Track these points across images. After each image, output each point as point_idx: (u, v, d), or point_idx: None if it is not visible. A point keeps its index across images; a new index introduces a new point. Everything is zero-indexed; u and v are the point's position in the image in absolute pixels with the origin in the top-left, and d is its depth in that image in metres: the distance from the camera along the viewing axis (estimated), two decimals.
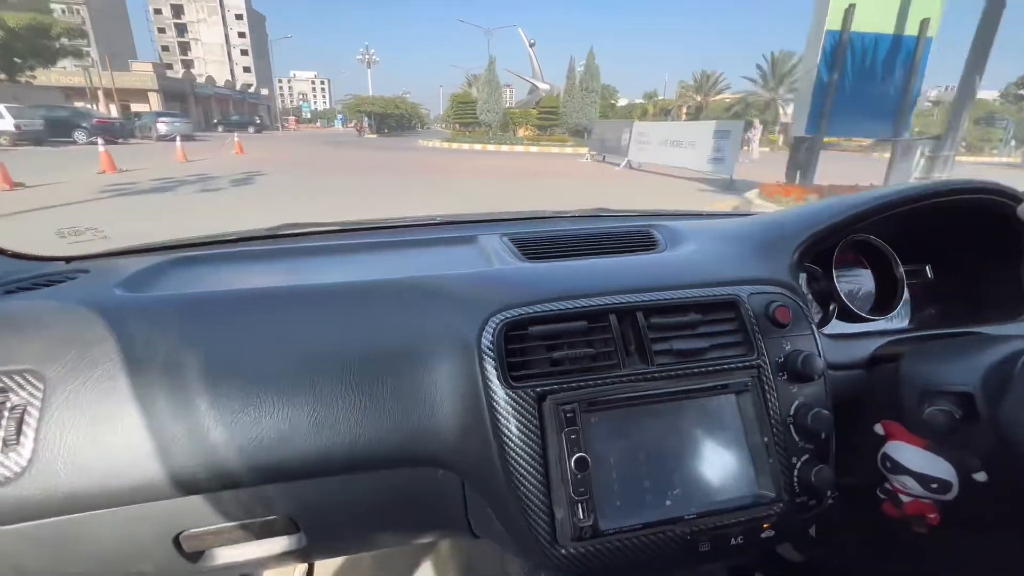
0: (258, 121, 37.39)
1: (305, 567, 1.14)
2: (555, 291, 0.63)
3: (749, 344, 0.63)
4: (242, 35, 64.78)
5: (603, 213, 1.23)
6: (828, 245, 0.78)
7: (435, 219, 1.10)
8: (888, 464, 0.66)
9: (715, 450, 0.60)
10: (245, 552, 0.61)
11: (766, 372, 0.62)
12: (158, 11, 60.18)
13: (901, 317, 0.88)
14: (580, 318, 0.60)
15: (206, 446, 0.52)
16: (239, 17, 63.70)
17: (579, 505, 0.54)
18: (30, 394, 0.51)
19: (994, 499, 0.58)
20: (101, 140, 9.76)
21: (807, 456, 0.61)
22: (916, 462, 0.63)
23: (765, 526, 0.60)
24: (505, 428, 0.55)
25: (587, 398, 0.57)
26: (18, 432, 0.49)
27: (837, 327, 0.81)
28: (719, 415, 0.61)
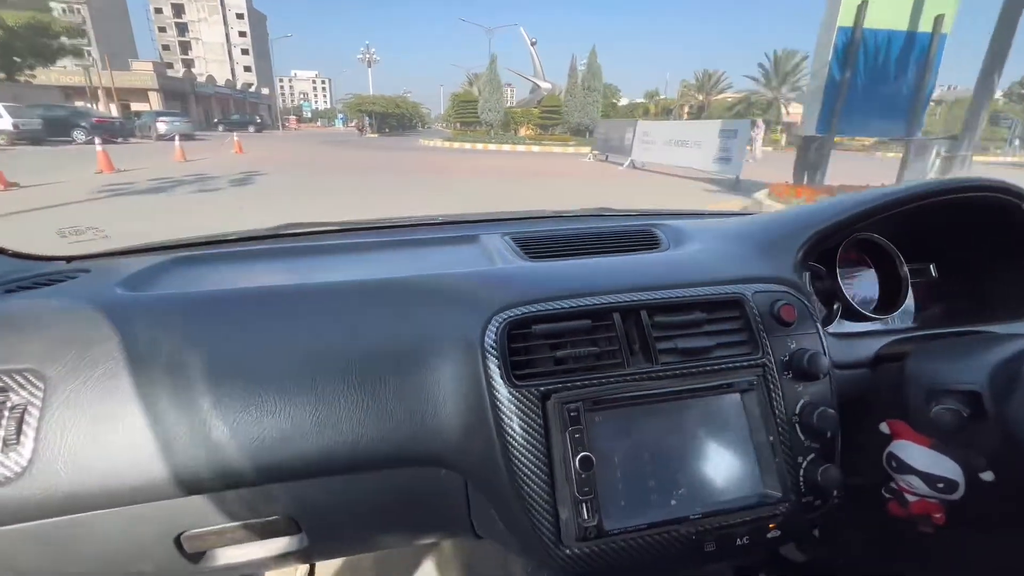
0: (259, 120, 37.55)
1: (306, 568, 1.13)
2: (558, 290, 0.62)
3: (754, 343, 0.63)
4: (243, 34, 64.96)
5: (605, 213, 1.22)
6: (832, 244, 0.77)
7: (436, 219, 1.09)
8: (894, 463, 0.65)
9: (720, 449, 0.59)
10: (246, 552, 0.61)
11: (771, 371, 0.62)
12: (159, 10, 60.36)
13: (905, 316, 0.87)
14: (584, 317, 0.60)
15: (208, 446, 0.52)
16: (240, 16, 63.88)
17: (583, 505, 0.53)
18: (30, 393, 0.50)
19: (1000, 498, 0.57)
20: (99, 140, 9.66)
21: (813, 455, 0.61)
22: (922, 461, 0.62)
23: (771, 526, 0.59)
24: (509, 427, 0.54)
25: (591, 397, 0.57)
26: (18, 432, 0.49)
27: (841, 326, 0.81)
28: (724, 414, 0.60)
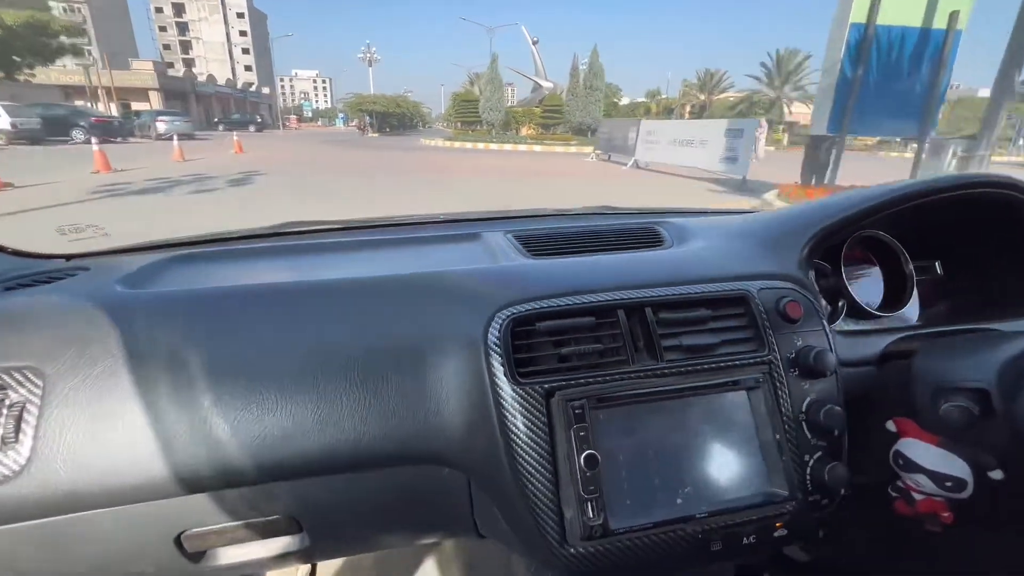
0: (259, 120, 37.53)
1: (308, 568, 1.12)
2: (562, 287, 0.62)
3: (760, 340, 0.62)
4: (243, 34, 64.92)
5: (607, 211, 1.21)
6: (837, 240, 0.77)
7: (438, 217, 1.09)
8: (900, 462, 0.64)
9: (726, 448, 0.59)
10: (247, 552, 0.60)
11: (777, 368, 0.61)
12: (159, 10, 60.33)
13: (910, 314, 0.86)
14: (588, 314, 0.60)
15: (208, 444, 0.51)
16: (240, 16, 63.85)
17: (589, 503, 0.53)
18: (29, 391, 0.50)
19: (1010, 496, 0.56)
20: (95, 139, 9.55)
21: (820, 454, 0.61)
22: (929, 460, 0.61)
23: (778, 525, 0.59)
24: (512, 425, 0.54)
25: (596, 394, 0.56)
26: (17, 430, 0.49)
27: (846, 324, 0.80)
28: (730, 412, 0.60)
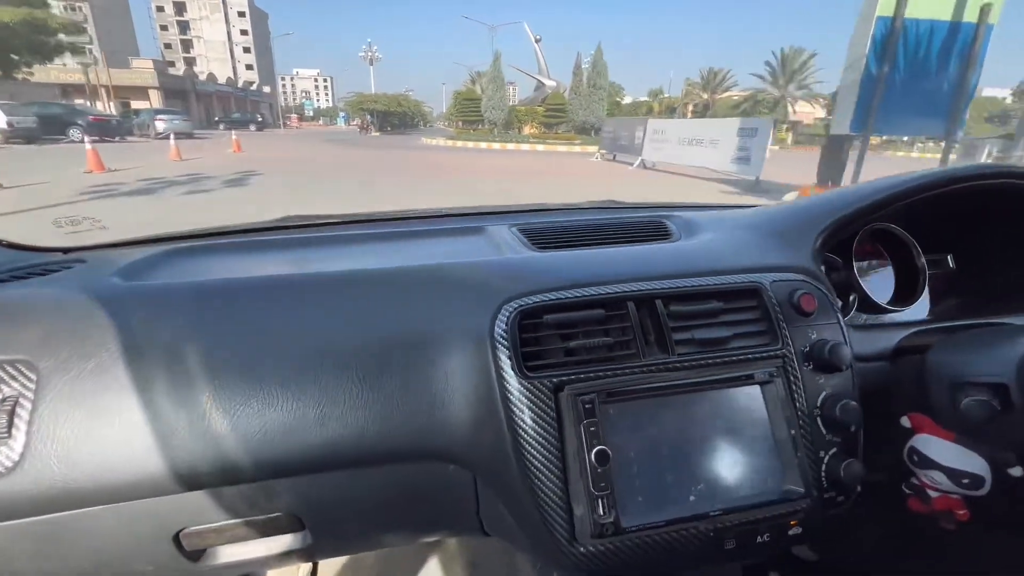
0: (260, 119, 37.38)
1: (309, 566, 1.11)
2: (569, 279, 0.61)
3: (773, 333, 0.61)
4: (244, 32, 64.72)
5: (612, 205, 1.19)
6: (848, 234, 0.75)
7: (441, 211, 1.07)
8: (915, 458, 0.63)
9: (739, 443, 0.57)
10: (248, 550, 0.59)
11: (791, 362, 0.60)
12: (160, 8, 60.19)
13: (922, 308, 0.84)
14: (597, 306, 0.58)
15: (207, 439, 0.50)
16: (241, 14, 63.65)
17: (600, 501, 0.52)
18: (22, 385, 0.49)
19: None
20: (88, 138, 9.31)
21: (835, 450, 0.59)
22: (946, 456, 0.60)
23: (792, 523, 0.57)
24: (520, 420, 0.53)
25: (605, 388, 0.55)
26: (9, 425, 0.48)
27: (857, 318, 0.79)
28: (743, 407, 0.58)
